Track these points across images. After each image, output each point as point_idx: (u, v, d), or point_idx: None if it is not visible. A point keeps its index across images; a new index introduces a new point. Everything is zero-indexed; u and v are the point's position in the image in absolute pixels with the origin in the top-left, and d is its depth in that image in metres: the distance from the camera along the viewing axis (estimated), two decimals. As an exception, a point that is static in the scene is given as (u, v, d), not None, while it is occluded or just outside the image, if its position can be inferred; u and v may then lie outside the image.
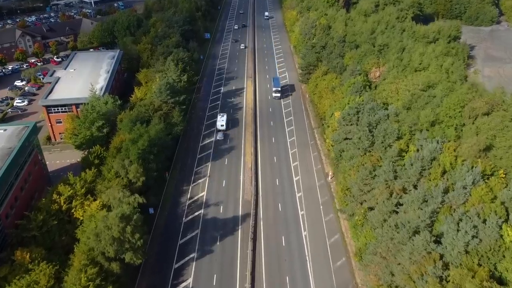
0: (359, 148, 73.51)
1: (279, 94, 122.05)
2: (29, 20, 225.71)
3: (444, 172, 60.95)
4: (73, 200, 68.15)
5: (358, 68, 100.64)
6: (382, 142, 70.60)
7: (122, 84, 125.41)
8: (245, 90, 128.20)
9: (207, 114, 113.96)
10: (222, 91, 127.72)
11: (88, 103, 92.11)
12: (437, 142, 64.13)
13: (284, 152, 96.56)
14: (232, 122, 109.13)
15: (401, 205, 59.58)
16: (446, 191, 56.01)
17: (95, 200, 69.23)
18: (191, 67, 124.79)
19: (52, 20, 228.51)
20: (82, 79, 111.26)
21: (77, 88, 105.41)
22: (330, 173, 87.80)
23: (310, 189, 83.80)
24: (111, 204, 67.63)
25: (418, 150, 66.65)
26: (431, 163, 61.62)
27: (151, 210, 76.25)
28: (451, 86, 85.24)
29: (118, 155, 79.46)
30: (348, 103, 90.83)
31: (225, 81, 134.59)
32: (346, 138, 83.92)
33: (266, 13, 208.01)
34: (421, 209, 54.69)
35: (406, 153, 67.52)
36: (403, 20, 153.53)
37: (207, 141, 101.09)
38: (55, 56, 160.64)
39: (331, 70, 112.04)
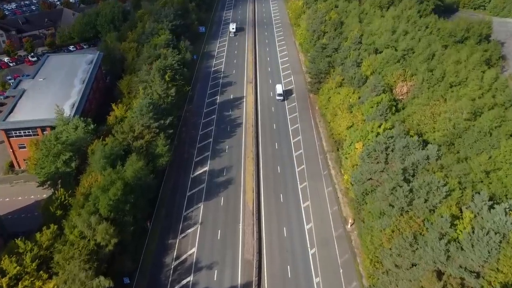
0: (393, 206, 56.88)
1: None
2: (8, 8, 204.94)
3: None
4: (21, 281, 52.04)
5: (382, 83, 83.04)
6: (426, 201, 53.97)
7: (101, 93, 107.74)
8: (244, 100, 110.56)
9: (200, 133, 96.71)
10: (218, 101, 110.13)
11: (51, 133, 74.71)
12: (505, 212, 47.56)
13: (292, 187, 79.99)
14: (230, 145, 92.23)
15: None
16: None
17: (50, 277, 53.21)
18: (181, 74, 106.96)
19: (34, 8, 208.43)
20: (52, 92, 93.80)
21: (44, 105, 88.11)
22: (350, 220, 71.49)
23: (326, 243, 67.59)
24: (69, 289, 51.73)
25: (475, 216, 50.19)
26: (499, 244, 45.22)
27: (126, 280, 60.23)
28: (503, 114, 68.11)
29: (86, 204, 63.08)
30: (372, 131, 73.92)
31: (222, 88, 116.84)
32: (371, 179, 67.60)
33: (280, 89, 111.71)
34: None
35: (459, 219, 50.92)
36: (425, 15, 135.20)
37: (199, 171, 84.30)
38: (29, 55, 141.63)
39: (347, 82, 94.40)
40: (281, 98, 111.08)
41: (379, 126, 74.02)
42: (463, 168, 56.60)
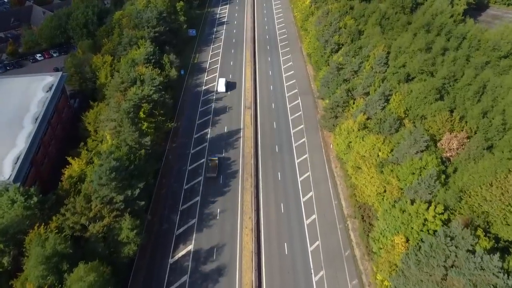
0: None
1: None
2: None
3: None
4: None
5: (425, 138, 61.81)
6: None
7: (64, 128, 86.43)
8: (242, 134, 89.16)
9: (185, 187, 75.86)
10: (208, 136, 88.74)
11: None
12: None
13: (305, 280, 59.79)
14: (222, 208, 71.63)
15: None
16: None
17: None
18: (163, 104, 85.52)
19: (6, 1, 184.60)
20: (-7, 136, 72.78)
21: (-20, 158, 67.39)
22: None
23: None
24: None
25: None
26: None
27: None
28: None
29: None
30: (417, 216, 53.35)
31: (214, 116, 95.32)
32: (419, 294, 47.52)
33: None
34: None
35: None
36: (458, 19, 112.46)
37: (182, 251, 63.93)
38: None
39: (373, 124, 73.02)
40: None
41: (427, 209, 53.47)
42: None
